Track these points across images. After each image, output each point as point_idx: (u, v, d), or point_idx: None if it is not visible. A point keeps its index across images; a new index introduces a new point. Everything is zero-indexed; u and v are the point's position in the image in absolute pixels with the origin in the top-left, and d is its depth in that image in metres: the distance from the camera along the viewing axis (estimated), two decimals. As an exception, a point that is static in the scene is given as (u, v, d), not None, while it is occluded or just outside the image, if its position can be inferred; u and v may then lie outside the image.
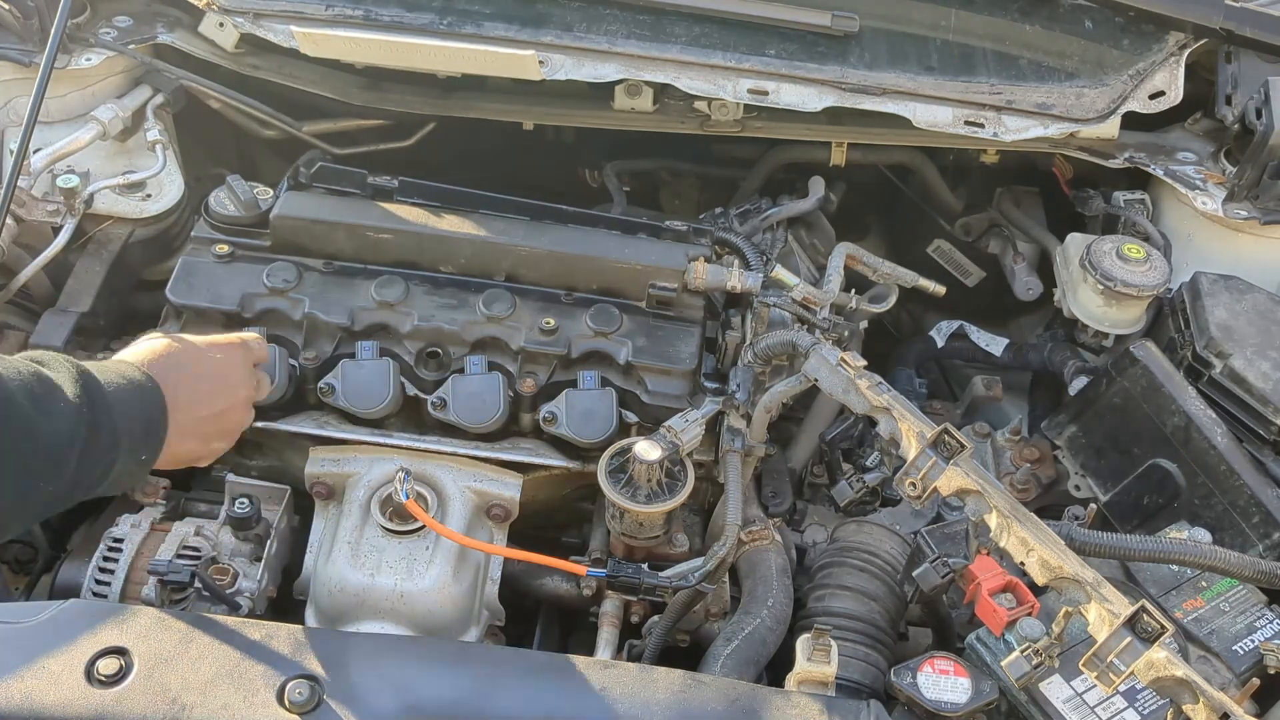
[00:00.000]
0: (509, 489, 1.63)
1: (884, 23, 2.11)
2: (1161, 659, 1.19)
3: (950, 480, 1.38)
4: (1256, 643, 1.46)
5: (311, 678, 1.18)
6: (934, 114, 2.00)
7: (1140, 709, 1.33)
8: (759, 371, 1.73)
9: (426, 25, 2.01)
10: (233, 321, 1.70)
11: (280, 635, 1.23)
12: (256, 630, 1.24)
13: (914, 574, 1.43)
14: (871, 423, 1.53)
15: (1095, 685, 1.26)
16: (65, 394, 1.08)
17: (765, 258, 1.93)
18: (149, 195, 1.96)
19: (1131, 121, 2.08)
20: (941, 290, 2.11)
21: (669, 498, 1.55)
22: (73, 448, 1.08)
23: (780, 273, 1.90)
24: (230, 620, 1.25)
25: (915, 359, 2.33)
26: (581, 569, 1.48)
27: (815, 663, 1.31)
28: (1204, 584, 1.54)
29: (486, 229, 1.79)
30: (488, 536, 1.62)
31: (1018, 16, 2.12)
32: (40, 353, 1.13)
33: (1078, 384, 1.96)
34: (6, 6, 2.00)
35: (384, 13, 2.02)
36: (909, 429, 1.44)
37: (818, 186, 2.19)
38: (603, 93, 2.09)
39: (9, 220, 1.82)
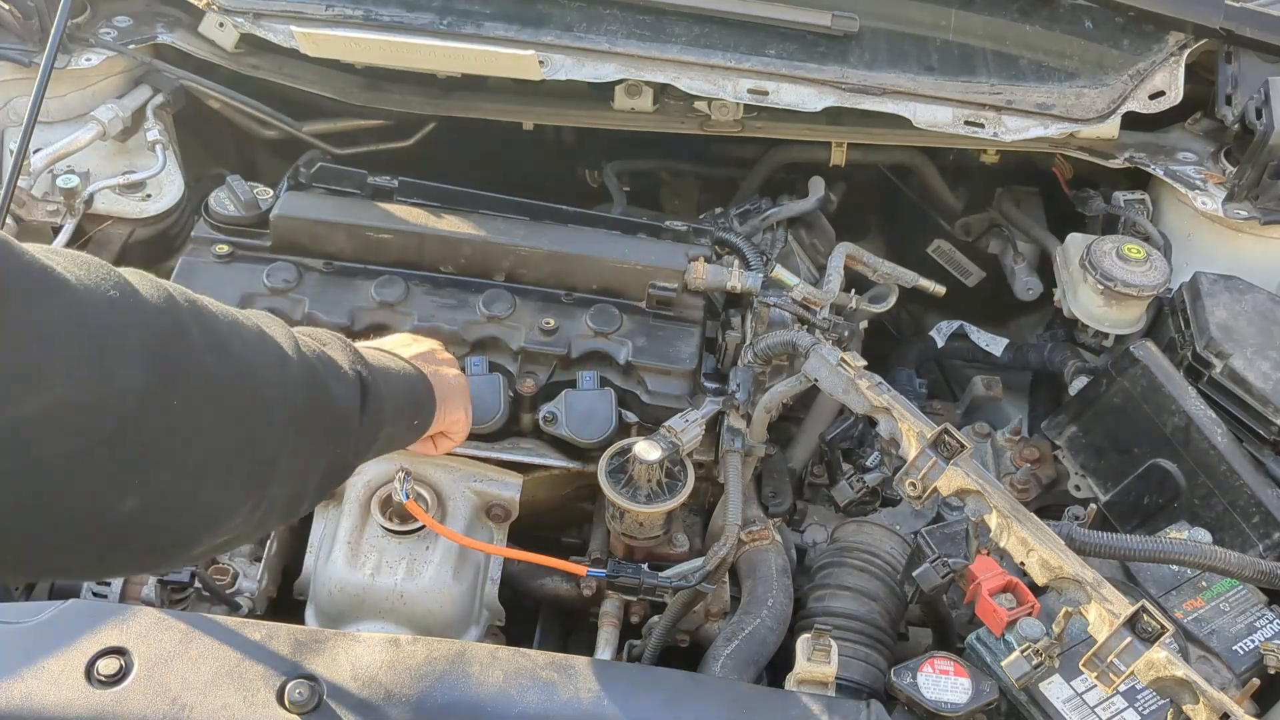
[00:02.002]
0: (509, 489, 1.63)
1: (884, 23, 2.11)
2: (1161, 659, 1.19)
3: (950, 480, 1.38)
4: (1256, 643, 1.46)
5: (311, 678, 1.18)
6: (934, 114, 2.00)
7: (1140, 709, 1.33)
8: (759, 371, 1.73)
9: (426, 25, 2.01)
10: (233, 321, 1.70)
11: (280, 635, 1.23)
12: (256, 630, 1.24)
13: (914, 574, 1.43)
14: (871, 423, 1.53)
15: (1095, 685, 1.26)
16: (342, 365, 1.10)
17: (765, 258, 1.93)
18: (149, 195, 1.96)
19: (1131, 121, 2.08)
20: (941, 290, 2.11)
21: (669, 498, 1.55)
22: (354, 410, 1.10)
23: (780, 273, 1.90)
24: (230, 620, 1.25)
25: (915, 359, 2.33)
26: (581, 569, 1.48)
27: (815, 663, 1.31)
28: (1204, 584, 1.54)
29: (486, 229, 1.79)
30: (488, 536, 1.62)
31: (1018, 16, 2.12)
32: (312, 330, 1.15)
33: (1078, 384, 1.96)
34: (6, 6, 2.00)
35: (384, 13, 2.02)
36: (909, 429, 1.44)
37: (818, 186, 2.19)
38: (603, 93, 2.09)
39: (9, 220, 1.82)
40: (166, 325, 0.84)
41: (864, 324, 2.08)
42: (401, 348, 1.35)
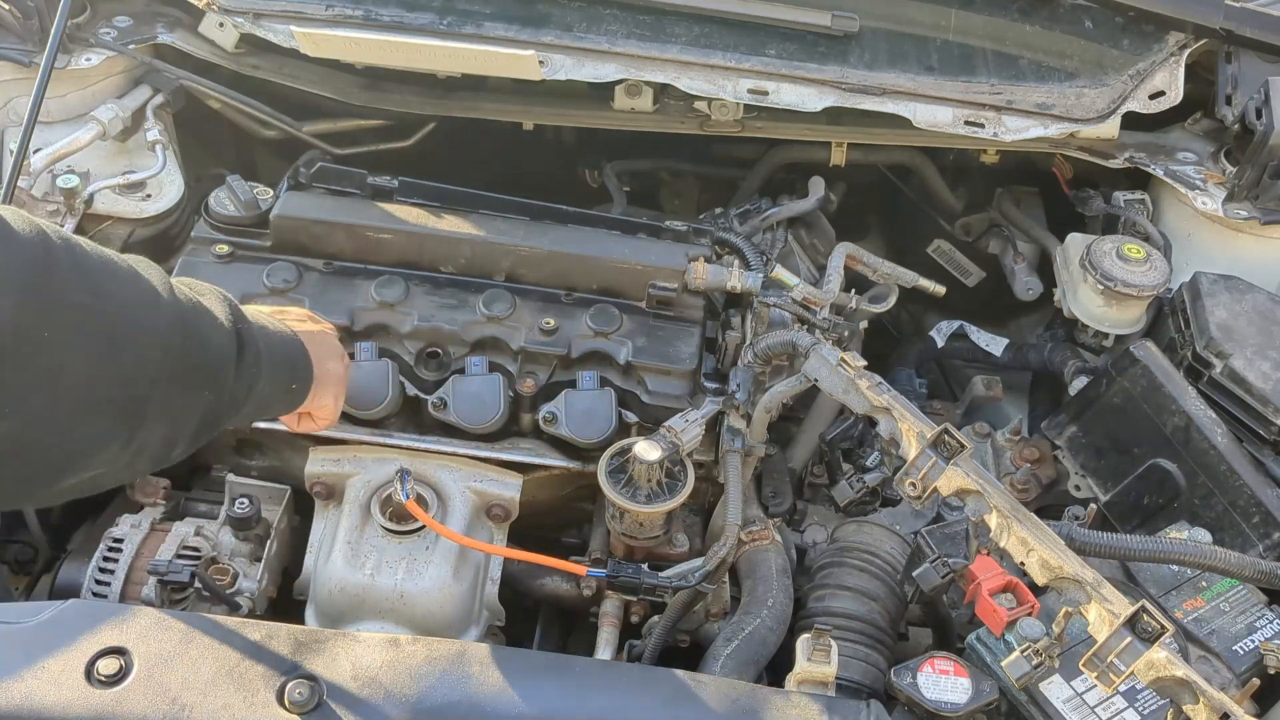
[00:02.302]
0: (509, 489, 1.63)
1: (884, 23, 2.11)
2: (1161, 659, 1.19)
3: (950, 480, 1.38)
4: (1256, 643, 1.46)
5: (311, 678, 1.18)
6: (934, 114, 1.99)
7: (1140, 709, 1.33)
8: (759, 371, 1.73)
9: (426, 25, 2.01)
10: (233, 321, 1.70)
11: (280, 635, 1.23)
12: (256, 630, 1.24)
13: (914, 574, 1.43)
14: (871, 423, 1.53)
15: (1095, 685, 1.26)
16: (218, 315, 1.12)
17: (765, 258, 1.93)
18: (149, 195, 1.96)
19: (1131, 121, 2.08)
20: (941, 290, 2.11)
21: (669, 498, 1.55)
22: (229, 361, 1.12)
23: (780, 273, 1.90)
24: (230, 620, 1.25)
25: (915, 359, 2.33)
26: (581, 569, 1.48)
27: (815, 663, 1.31)
28: (1204, 584, 1.54)
29: (486, 229, 1.79)
30: (488, 536, 1.62)
31: (1018, 16, 2.12)
32: (190, 280, 1.16)
33: (1078, 384, 1.96)
34: (6, 6, 2.00)
35: (384, 13, 2.02)
36: (909, 429, 1.44)
37: (818, 186, 2.19)
38: (603, 93, 2.09)
39: (9, 220, 1.82)
40: (38, 256, 0.88)
41: (864, 324, 2.08)
42: (295, 321, 1.36)
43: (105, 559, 1.58)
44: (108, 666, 1.17)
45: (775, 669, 1.46)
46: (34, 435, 0.90)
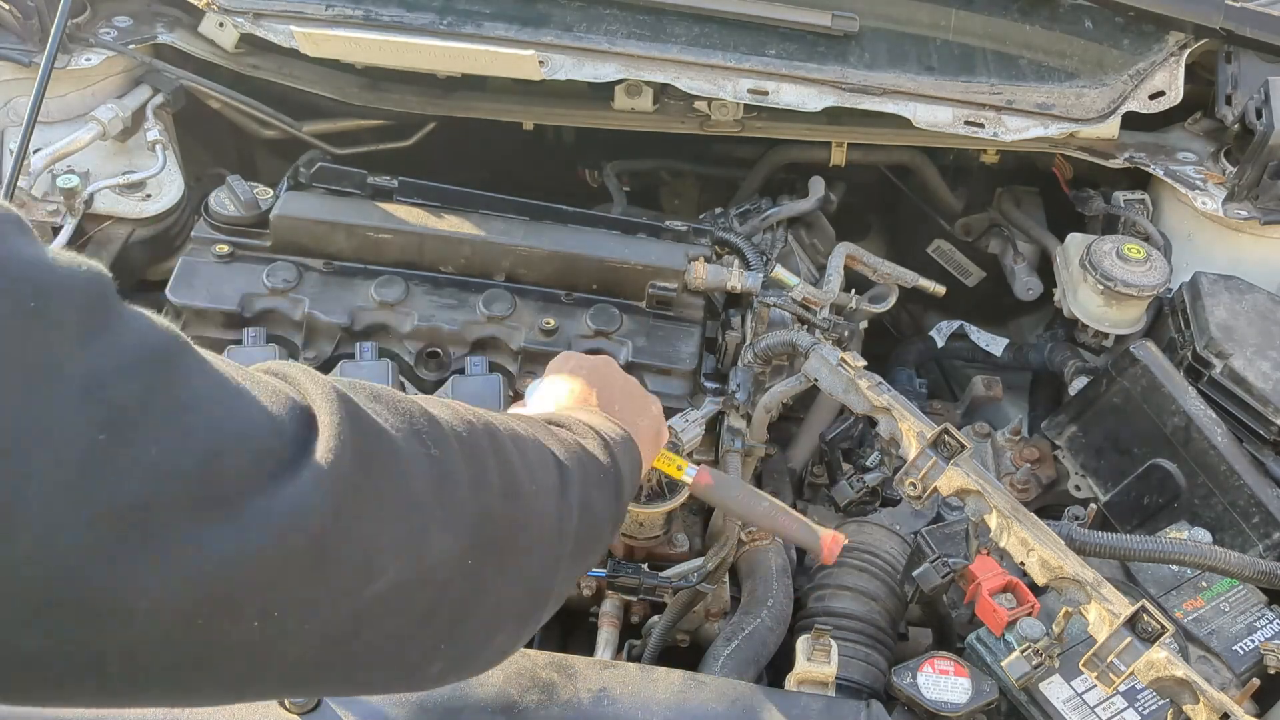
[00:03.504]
0: (509, 489, 1.62)
1: (884, 23, 2.11)
2: (1161, 659, 1.19)
3: (950, 480, 1.38)
4: (1256, 643, 1.46)
5: (311, 678, 1.18)
6: (934, 114, 1.99)
7: (1140, 709, 1.33)
8: (759, 371, 1.73)
9: (426, 25, 2.01)
10: (232, 322, 1.70)
11: (280, 635, 1.23)
12: (256, 630, 1.24)
13: (914, 574, 1.43)
14: (871, 423, 1.53)
15: (1095, 685, 1.26)
16: (601, 459, 1.02)
17: (765, 258, 1.93)
18: (149, 195, 1.95)
19: (1131, 121, 2.07)
20: (941, 290, 2.11)
21: (669, 498, 1.55)
22: (612, 512, 1.03)
23: (780, 273, 1.89)
24: (230, 620, 1.25)
25: (915, 359, 2.33)
26: (581, 569, 1.48)
27: (815, 663, 1.31)
28: (1204, 584, 1.54)
29: (486, 229, 1.79)
30: (488, 536, 1.62)
31: (1018, 16, 2.12)
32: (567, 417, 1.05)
33: (1078, 384, 1.96)
34: (6, 6, 2.00)
35: (384, 13, 2.02)
36: (909, 429, 1.44)
37: (818, 186, 2.19)
38: (603, 93, 2.09)
39: (9, 220, 1.82)
40: (471, 480, 0.78)
41: (864, 324, 2.08)
42: (636, 414, 1.20)
43: (105, 559, 1.58)
44: (108, 666, 1.17)
45: (775, 669, 1.46)
46: (462, 664, 0.84)
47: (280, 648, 0.65)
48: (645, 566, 1.52)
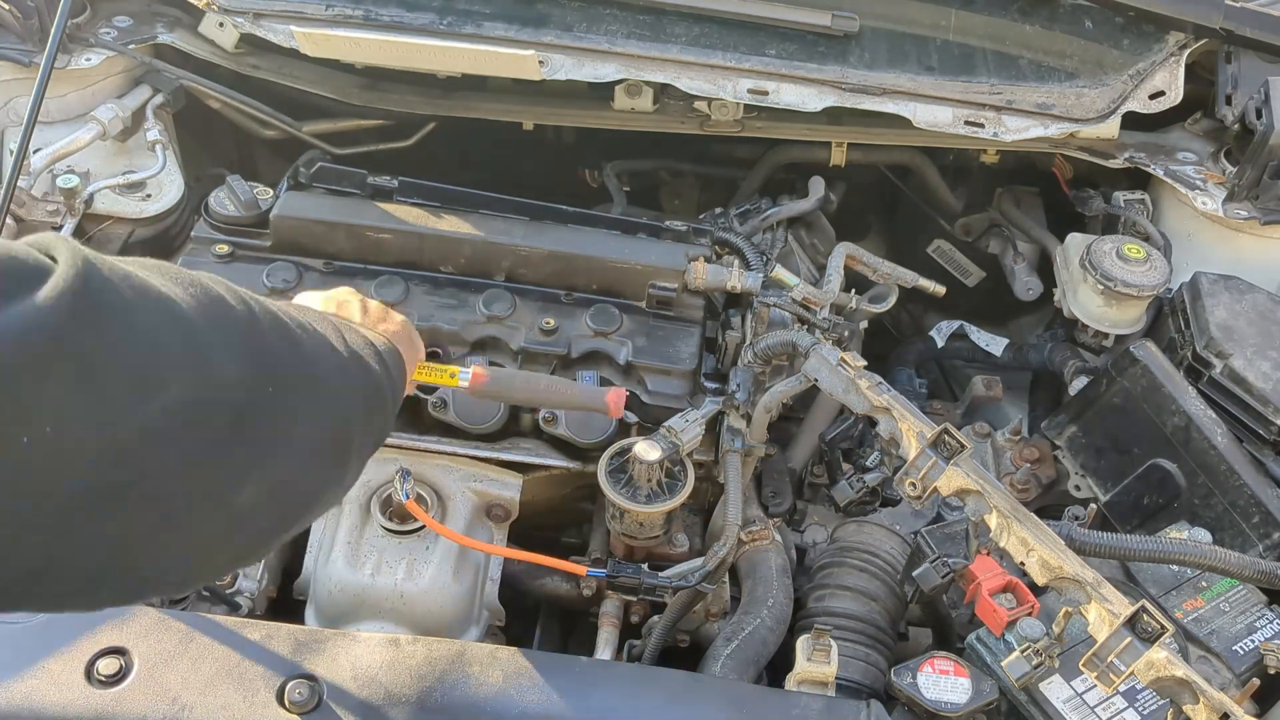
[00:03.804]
0: (509, 489, 1.63)
1: (884, 23, 2.11)
2: (1161, 659, 1.19)
3: (950, 480, 1.38)
4: (1256, 643, 1.46)
5: (311, 678, 1.18)
6: (934, 114, 2.00)
7: (1140, 709, 1.33)
8: (759, 371, 1.73)
9: (426, 25, 2.01)
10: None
11: (280, 635, 1.23)
12: (256, 630, 1.24)
13: (914, 574, 1.43)
14: (871, 423, 1.53)
15: (1095, 685, 1.26)
16: (372, 343, 1.12)
17: (765, 258, 1.93)
18: (149, 195, 1.96)
19: (1131, 121, 2.08)
20: (941, 290, 2.11)
21: (669, 498, 1.55)
22: (386, 385, 1.12)
23: (780, 273, 1.90)
24: (230, 620, 1.25)
25: (915, 359, 2.33)
26: (581, 569, 1.48)
27: (815, 663, 1.31)
28: (1204, 584, 1.54)
29: (486, 229, 1.79)
30: (488, 536, 1.62)
31: (1018, 16, 2.12)
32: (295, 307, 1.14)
33: (1078, 384, 1.96)
34: (6, 6, 2.00)
35: (384, 13, 2.02)
36: (909, 429, 1.44)
37: (818, 186, 2.19)
38: (603, 93, 2.09)
39: (9, 220, 1.82)
40: (246, 318, 0.87)
41: (864, 324, 2.08)
42: (384, 324, 1.29)
43: (105, 559, 1.58)
44: (108, 666, 1.17)
45: (775, 669, 1.46)
46: (274, 494, 0.89)
47: (68, 456, 0.70)
48: (645, 566, 1.52)
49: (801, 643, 1.33)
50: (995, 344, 2.31)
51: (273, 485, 0.88)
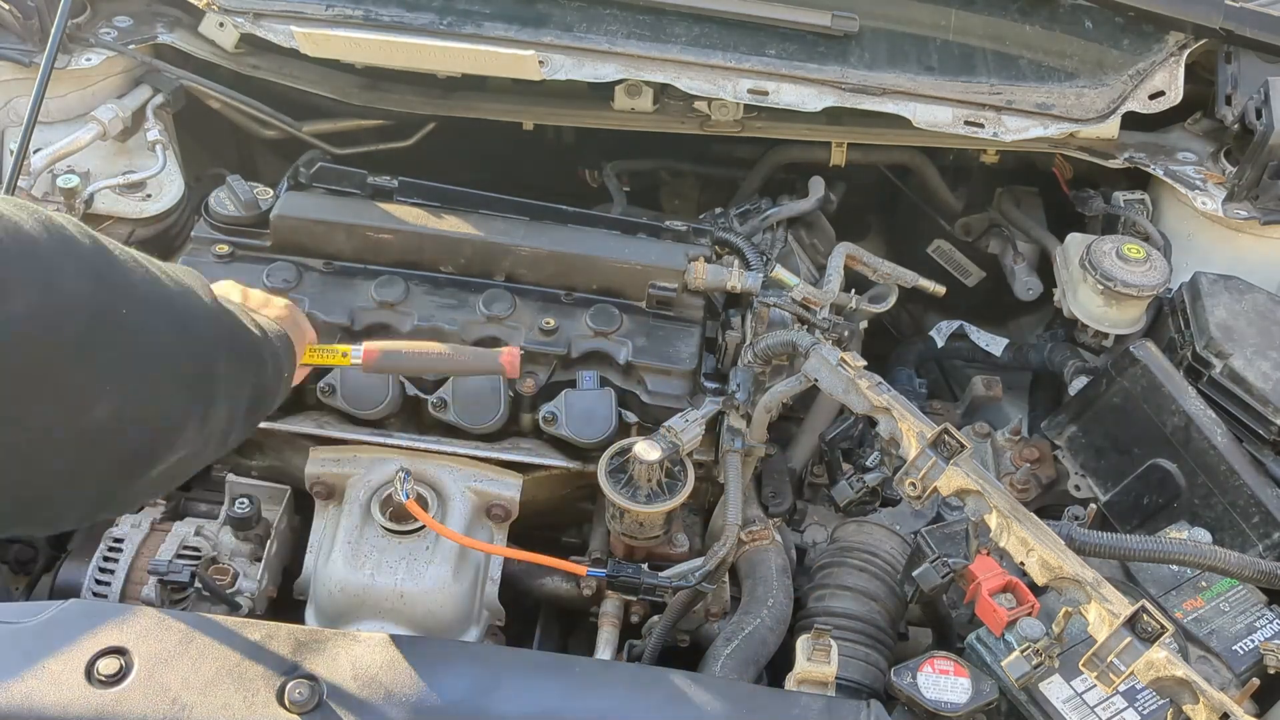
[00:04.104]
0: (509, 489, 1.63)
1: (884, 23, 2.11)
2: (1161, 659, 1.19)
3: (950, 480, 1.38)
4: (1256, 643, 1.46)
5: (311, 678, 1.18)
6: (934, 114, 2.00)
7: (1140, 709, 1.33)
8: (759, 371, 1.73)
9: (426, 25, 2.01)
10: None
11: (280, 635, 1.23)
12: (256, 630, 1.24)
13: (914, 574, 1.43)
14: (871, 423, 1.53)
15: (1095, 685, 1.26)
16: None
17: (765, 258, 1.93)
18: (149, 195, 1.96)
19: (1131, 121, 2.08)
20: (941, 290, 2.11)
21: (669, 498, 1.55)
22: (261, 343, 1.17)
23: (780, 273, 1.90)
24: (230, 620, 1.25)
25: (915, 359, 2.33)
26: (581, 569, 1.48)
27: (815, 663, 1.31)
28: (1204, 584, 1.54)
29: (486, 229, 1.79)
30: (488, 536, 1.62)
31: (1018, 16, 2.13)
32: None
33: (1078, 384, 1.96)
34: (6, 6, 2.00)
35: (384, 13, 2.02)
36: (909, 429, 1.44)
37: (818, 186, 2.19)
38: (603, 93, 2.09)
39: (9, 220, 1.82)
40: (98, 248, 0.93)
41: (864, 324, 2.08)
42: (269, 310, 1.33)
43: (105, 559, 1.58)
44: (108, 666, 1.17)
45: (775, 669, 1.46)
46: (131, 412, 0.92)
47: None
48: (645, 566, 1.52)
49: (801, 642, 1.33)
50: (995, 344, 2.31)
51: (125, 405, 0.91)
